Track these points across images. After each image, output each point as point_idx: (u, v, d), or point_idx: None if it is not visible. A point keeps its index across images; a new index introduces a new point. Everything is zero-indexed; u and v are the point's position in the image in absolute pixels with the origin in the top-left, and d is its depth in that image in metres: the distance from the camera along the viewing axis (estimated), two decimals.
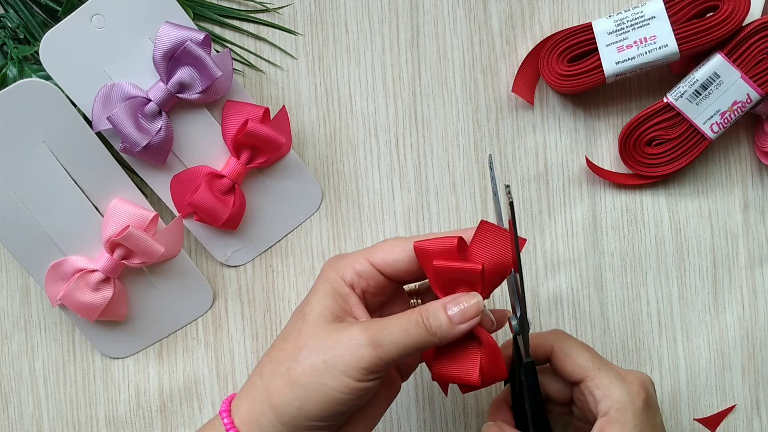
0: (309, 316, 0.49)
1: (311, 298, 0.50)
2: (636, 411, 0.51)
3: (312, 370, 0.46)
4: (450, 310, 0.47)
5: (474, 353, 0.49)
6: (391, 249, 0.50)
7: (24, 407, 0.64)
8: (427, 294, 0.55)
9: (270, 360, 0.49)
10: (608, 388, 0.51)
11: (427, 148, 0.65)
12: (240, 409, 0.49)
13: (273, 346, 0.50)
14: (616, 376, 0.52)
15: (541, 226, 0.65)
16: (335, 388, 0.46)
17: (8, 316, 0.64)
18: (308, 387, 0.46)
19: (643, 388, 0.52)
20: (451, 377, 0.49)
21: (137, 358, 0.64)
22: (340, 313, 0.49)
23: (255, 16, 0.65)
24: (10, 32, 0.63)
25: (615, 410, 0.51)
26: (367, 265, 0.50)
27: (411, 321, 0.47)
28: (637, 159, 0.64)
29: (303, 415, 0.46)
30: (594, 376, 0.52)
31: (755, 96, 0.61)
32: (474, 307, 0.47)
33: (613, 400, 0.51)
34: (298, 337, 0.48)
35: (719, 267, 0.66)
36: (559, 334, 0.55)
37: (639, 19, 0.61)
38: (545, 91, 0.65)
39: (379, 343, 0.46)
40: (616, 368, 0.53)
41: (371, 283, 0.50)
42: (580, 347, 0.54)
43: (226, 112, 0.61)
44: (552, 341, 0.54)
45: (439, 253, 0.48)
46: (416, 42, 0.65)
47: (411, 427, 0.65)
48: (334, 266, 0.51)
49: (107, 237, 0.59)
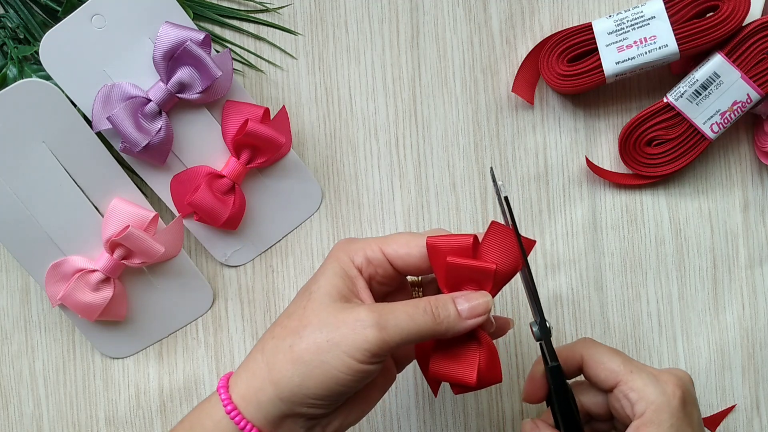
0: (315, 294, 0.48)
1: (319, 277, 0.50)
2: (672, 410, 0.50)
3: (315, 348, 0.46)
4: (460, 305, 0.48)
5: (473, 353, 0.49)
6: (405, 242, 0.50)
7: (24, 407, 0.64)
8: (429, 287, 0.55)
9: (273, 336, 0.49)
10: (642, 390, 0.50)
11: (427, 148, 0.65)
12: (238, 384, 0.48)
13: (276, 323, 0.50)
14: (649, 376, 0.51)
15: (541, 226, 0.65)
16: (337, 368, 0.46)
17: (8, 316, 0.64)
18: (310, 364, 0.46)
19: (678, 387, 0.51)
20: (448, 376, 0.49)
21: (137, 358, 0.64)
22: (348, 293, 0.49)
23: (255, 16, 0.65)
24: (10, 32, 0.63)
25: (651, 411, 0.50)
26: (378, 254, 0.50)
27: (419, 308, 0.47)
28: (637, 159, 0.64)
29: (302, 392, 0.46)
30: (627, 379, 0.51)
31: (755, 96, 0.61)
32: (484, 305, 0.48)
33: (649, 401, 0.50)
34: (302, 314, 0.48)
35: (719, 267, 0.66)
36: (587, 343, 0.54)
37: (639, 19, 0.61)
38: (545, 91, 0.65)
39: (384, 325, 0.46)
40: (650, 369, 0.52)
41: (380, 271, 0.50)
42: (610, 352, 0.53)
43: (226, 112, 0.61)
44: (581, 350, 0.53)
45: (452, 250, 0.49)
46: (416, 42, 0.65)
47: (411, 427, 0.65)
48: (345, 248, 0.51)
49: (107, 237, 0.59)
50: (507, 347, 0.65)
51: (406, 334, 0.47)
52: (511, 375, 0.65)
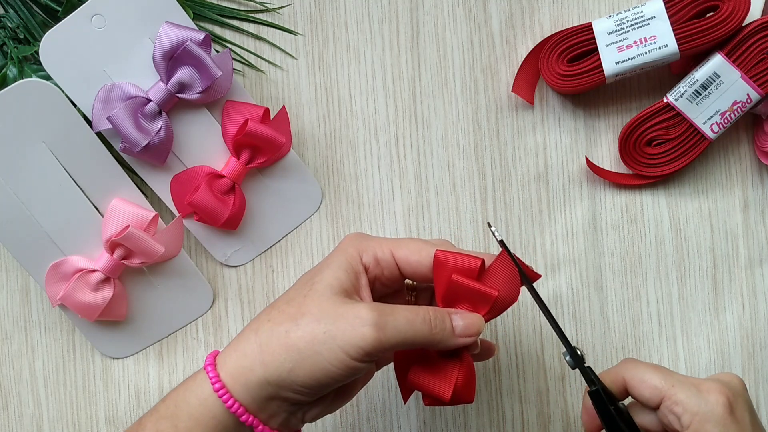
0: (318, 284, 0.49)
1: (324, 268, 0.50)
2: (717, 418, 0.49)
3: (311, 337, 0.46)
4: (455, 321, 0.49)
5: (453, 370, 0.50)
6: (417, 249, 0.50)
7: (24, 407, 0.64)
8: (422, 294, 0.55)
9: (269, 319, 0.49)
10: (686, 402, 0.50)
11: (427, 148, 0.65)
12: (227, 363, 0.48)
13: (273, 306, 0.50)
14: (691, 388, 0.51)
15: (541, 226, 0.65)
16: (329, 360, 0.46)
17: (8, 316, 0.64)
18: (303, 352, 0.46)
19: (722, 393, 0.50)
20: (424, 387, 0.50)
21: (137, 358, 0.64)
22: (350, 289, 0.49)
23: (255, 16, 0.65)
24: (10, 32, 0.63)
25: (696, 422, 0.49)
26: (389, 256, 0.50)
27: (418, 315, 0.48)
28: (637, 159, 0.64)
29: (291, 378, 0.47)
30: (670, 394, 0.50)
31: (755, 96, 0.61)
32: (477, 326, 0.49)
33: (693, 413, 0.50)
34: (302, 302, 0.48)
35: (719, 267, 0.66)
36: (627, 364, 0.53)
37: (639, 19, 0.61)
38: (545, 91, 0.65)
39: (383, 326, 0.46)
40: (692, 380, 0.52)
41: (386, 273, 0.51)
42: (650, 369, 0.52)
43: (226, 112, 0.61)
44: (622, 373, 0.53)
45: (458, 269, 0.49)
46: (416, 42, 0.65)
47: (411, 427, 0.65)
48: (355, 243, 0.51)
49: (107, 237, 0.59)
50: (507, 347, 0.65)
51: (402, 338, 0.47)
52: (511, 375, 0.65)
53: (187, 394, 0.49)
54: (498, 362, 0.65)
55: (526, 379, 0.65)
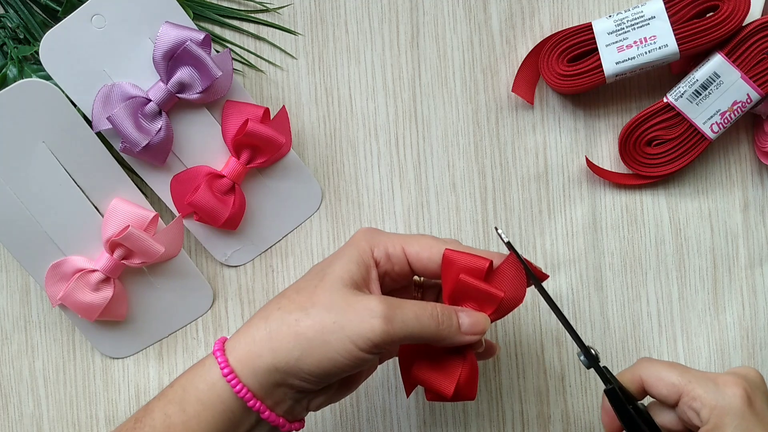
0: (329, 276, 0.49)
1: (335, 260, 0.50)
2: (735, 411, 0.49)
3: (320, 327, 0.47)
4: (462, 319, 0.49)
5: (456, 367, 0.50)
6: (428, 246, 0.51)
7: (24, 407, 0.64)
8: (428, 291, 0.56)
9: (279, 307, 0.49)
10: (703, 398, 0.50)
11: (427, 148, 0.65)
12: (236, 348, 0.49)
13: (283, 295, 0.50)
14: (708, 382, 0.51)
15: (541, 226, 0.65)
16: (337, 350, 0.47)
17: (8, 316, 0.64)
18: (312, 341, 0.47)
19: (739, 386, 0.50)
20: (427, 383, 0.51)
21: (137, 358, 0.64)
22: (360, 282, 0.50)
23: (255, 16, 0.65)
24: (10, 32, 0.63)
25: (714, 416, 0.49)
26: (400, 252, 0.51)
27: (426, 310, 0.48)
28: (637, 159, 0.64)
29: (299, 366, 0.47)
30: (687, 390, 0.51)
31: (755, 96, 0.61)
32: (483, 325, 0.50)
33: (711, 407, 0.50)
34: (313, 292, 0.49)
35: (719, 267, 0.66)
36: (643, 363, 0.53)
37: (639, 19, 0.61)
38: (545, 91, 0.65)
39: (392, 319, 0.47)
40: (710, 374, 0.52)
41: (396, 269, 0.51)
42: (666, 367, 0.52)
43: (226, 112, 0.61)
44: (639, 372, 0.53)
45: (467, 269, 0.50)
46: (416, 42, 0.65)
47: (411, 427, 0.65)
48: (367, 238, 0.51)
49: (107, 237, 0.59)
50: (507, 347, 0.65)
51: (410, 331, 0.48)
52: (511, 375, 0.65)
53: (195, 379, 0.49)
54: (498, 362, 0.65)
55: (526, 378, 0.65)
